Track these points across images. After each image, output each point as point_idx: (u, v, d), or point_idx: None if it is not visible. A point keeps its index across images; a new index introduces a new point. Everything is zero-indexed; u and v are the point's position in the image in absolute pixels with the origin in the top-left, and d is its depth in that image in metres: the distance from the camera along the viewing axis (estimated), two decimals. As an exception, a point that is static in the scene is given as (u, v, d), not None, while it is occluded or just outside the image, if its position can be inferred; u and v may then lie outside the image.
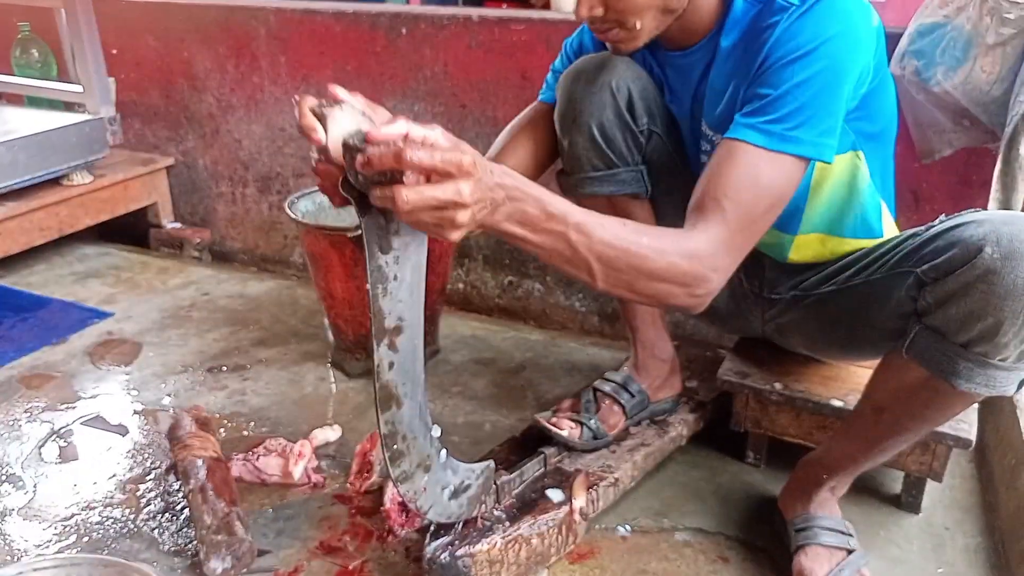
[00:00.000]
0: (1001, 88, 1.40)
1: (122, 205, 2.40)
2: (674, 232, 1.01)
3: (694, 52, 1.17)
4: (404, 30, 2.03)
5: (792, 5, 1.03)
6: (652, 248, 0.96)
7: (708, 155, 1.21)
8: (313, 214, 1.88)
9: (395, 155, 0.77)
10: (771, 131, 1.01)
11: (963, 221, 1.01)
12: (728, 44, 1.12)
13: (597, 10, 1.07)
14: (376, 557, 1.28)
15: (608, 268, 0.95)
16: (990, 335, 0.97)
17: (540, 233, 0.90)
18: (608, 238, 0.93)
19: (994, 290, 0.94)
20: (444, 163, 0.78)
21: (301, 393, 1.75)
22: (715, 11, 1.13)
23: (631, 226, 0.98)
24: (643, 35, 1.11)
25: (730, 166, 1.02)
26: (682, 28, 1.14)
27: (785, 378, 1.43)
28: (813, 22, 1.01)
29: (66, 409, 1.68)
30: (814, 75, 1.01)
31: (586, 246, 0.92)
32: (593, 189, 1.28)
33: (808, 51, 1.01)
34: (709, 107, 1.18)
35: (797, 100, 1.01)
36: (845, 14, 1.02)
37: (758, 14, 1.08)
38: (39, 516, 1.37)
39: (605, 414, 1.43)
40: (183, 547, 1.30)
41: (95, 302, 2.15)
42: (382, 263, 0.93)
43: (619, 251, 0.94)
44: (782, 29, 1.03)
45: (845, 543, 1.23)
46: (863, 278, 1.17)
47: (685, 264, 0.97)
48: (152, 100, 2.48)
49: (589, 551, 1.30)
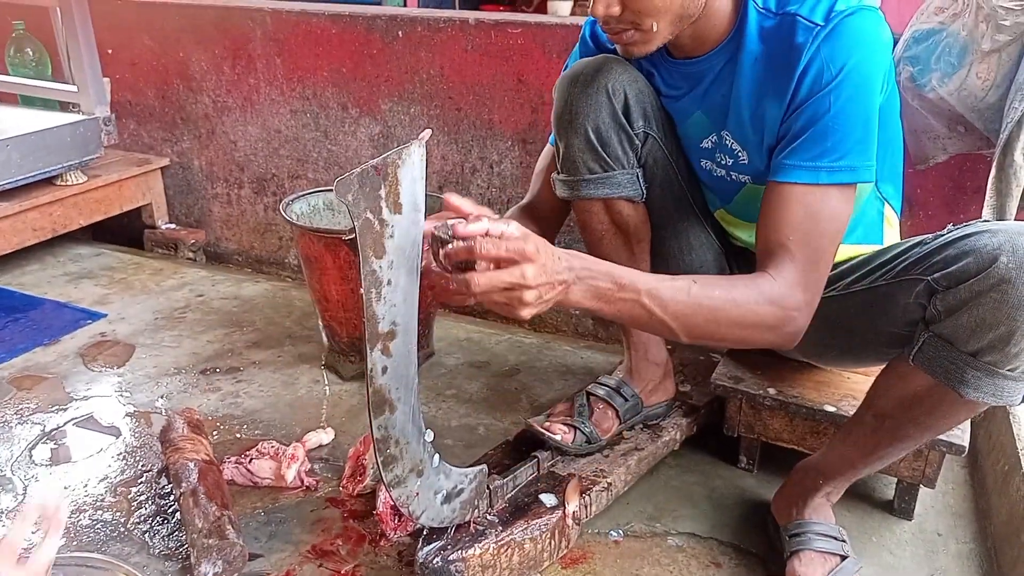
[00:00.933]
0: (996, 95, 1.40)
1: (116, 205, 2.39)
2: (746, 281, 1.05)
3: (705, 60, 1.17)
4: (400, 33, 2.03)
5: (817, 25, 1.03)
6: (726, 300, 1.01)
7: (723, 167, 1.23)
8: (308, 216, 1.88)
9: (468, 249, 0.87)
10: (819, 167, 1.04)
11: (977, 230, 1.00)
12: (750, 58, 1.11)
13: (614, 8, 1.07)
14: (369, 561, 1.28)
15: (687, 325, 1.01)
16: (1001, 345, 0.97)
17: (615, 303, 0.98)
18: (680, 297, 1.00)
19: (1007, 299, 0.94)
20: (509, 252, 0.88)
21: (294, 396, 1.74)
22: (729, 21, 1.12)
23: (702, 281, 1.02)
24: (658, 38, 1.10)
25: (787, 209, 1.06)
26: (694, 35, 1.14)
27: (778, 383, 1.43)
28: (841, 46, 1.02)
29: (57, 411, 1.67)
30: (848, 102, 1.03)
31: (660, 308, 0.99)
32: (588, 191, 1.28)
33: (840, 78, 1.02)
34: (734, 119, 1.17)
35: (837, 130, 1.03)
36: (868, 33, 1.03)
37: (776, 27, 1.08)
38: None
39: (599, 418, 1.43)
40: (174, 551, 1.29)
41: (88, 303, 2.14)
42: (376, 267, 0.93)
43: (693, 308, 1.00)
44: (811, 55, 1.03)
45: (838, 549, 1.23)
46: (867, 284, 1.17)
47: (763, 310, 1.03)
48: (147, 100, 2.47)
49: (582, 555, 1.30)
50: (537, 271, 0.89)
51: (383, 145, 2.15)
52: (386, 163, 0.90)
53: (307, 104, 2.21)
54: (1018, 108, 1.33)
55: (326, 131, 2.22)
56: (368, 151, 2.18)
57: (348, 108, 2.16)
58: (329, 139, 2.22)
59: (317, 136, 2.23)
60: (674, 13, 1.08)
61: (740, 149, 1.19)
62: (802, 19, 1.05)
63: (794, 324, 1.05)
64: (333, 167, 2.24)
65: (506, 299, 0.90)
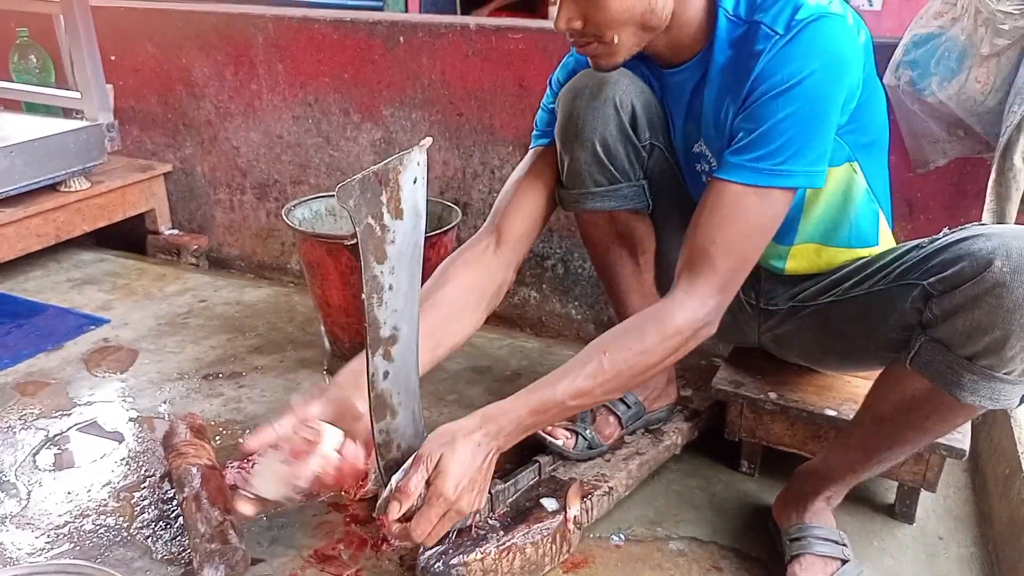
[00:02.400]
0: (995, 99, 1.41)
1: (119, 211, 2.40)
2: (654, 321, 1.09)
3: (685, 70, 1.17)
4: (402, 38, 2.03)
5: (777, 34, 1.03)
6: (639, 353, 1.07)
7: (706, 175, 1.22)
8: (310, 222, 1.88)
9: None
10: (759, 168, 1.04)
11: (971, 234, 1.01)
12: (718, 65, 1.12)
13: (575, 23, 1.08)
14: (370, 566, 1.28)
15: (622, 387, 1.11)
16: (997, 348, 0.97)
17: (551, 419, 1.11)
18: (600, 378, 1.07)
19: (1002, 303, 0.94)
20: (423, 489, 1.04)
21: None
22: (702, 30, 1.12)
23: (611, 348, 1.08)
24: (622, 51, 1.10)
25: (719, 209, 1.07)
26: (670, 45, 1.14)
27: (779, 387, 1.43)
28: (797, 54, 1.02)
29: (61, 416, 1.68)
30: (799, 108, 1.02)
31: (590, 399, 1.09)
32: (595, 204, 1.28)
33: (792, 84, 1.02)
34: (706, 127, 1.18)
35: (783, 134, 1.03)
36: (829, 40, 1.02)
37: (744, 35, 1.08)
38: (32, 524, 1.37)
39: (600, 424, 1.44)
40: (177, 555, 1.30)
41: (91, 309, 2.15)
42: (377, 273, 0.94)
43: (617, 378, 1.07)
44: (766, 61, 1.03)
45: (839, 553, 1.23)
46: (864, 289, 1.17)
47: (673, 342, 1.08)
48: (150, 107, 2.48)
49: (583, 560, 1.30)
50: (453, 481, 1.03)
51: (384, 151, 2.16)
52: (387, 169, 0.91)
53: (309, 110, 2.22)
54: (1017, 112, 1.33)
55: (328, 137, 2.23)
56: (370, 157, 2.19)
57: (350, 114, 2.17)
58: (331, 145, 2.23)
59: (319, 142, 2.24)
60: (635, 24, 1.07)
61: (712, 156, 1.19)
62: (765, 27, 1.05)
63: (708, 330, 1.09)
64: (335, 173, 2.25)
65: (449, 519, 1.05)
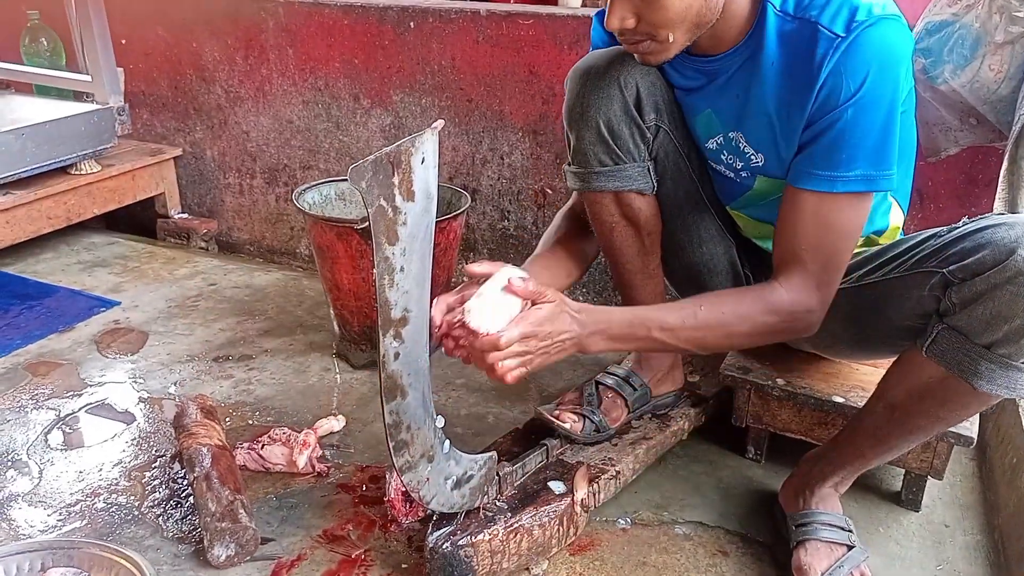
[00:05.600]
0: (1009, 87, 1.40)
1: (130, 195, 2.41)
2: (755, 293, 1.14)
3: (721, 59, 1.16)
4: (412, 24, 2.03)
5: (838, 36, 1.02)
6: (735, 316, 1.10)
7: (731, 168, 1.24)
8: (320, 206, 1.89)
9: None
10: (834, 176, 1.06)
11: (993, 223, 1.01)
12: (769, 62, 1.10)
13: (629, 21, 1.06)
14: (379, 546, 1.30)
15: (701, 345, 1.13)
16: (1016, 337, 0.97)
17: (632, 342, 1.14)
18: (689, 323, 1.10)
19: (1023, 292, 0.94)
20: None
21: (306, 383, 1.76)
22: (746, 21, 1.11)
23: (708, 301, 1.12)
24: (674, 47, 1.10)
25: (800, 218, 1.10)
26: (712, 35, 1.13)
27: (787, 374, 1.44)
28: (861, 57, 1.02)
29: (72, 396, 1.69)
30: (865, 114, 1.03)
31: (673, 337, 1.11)
32: (599, 184, 1.28)
33: (859, 89, 1.02)
34: (751, 123, 1.17)
35: (854, 140, 1.04)
36: (889, 42, 1.02)
37: (796, 33, 1.07)
38: (44, 502, 1.38)
39: (608, 407, 1.44)
40: (187, 534, 1.31)
41: (102, 291, 2.16)
42: (389, 254, 0.94)
43: (704, 331, 1.10)
44: (832, 67, 1.03)
45: (845, 539, 1.23)
46: (880, 276, 1.17)
47: (772, 319, 1.10)
48: (160, 90, 2.49)
49: (590, 543, 1.31)
50: (532, 329, 1.04)
51: (394, 136, 2.16)
52: (399, 151, 0.91)
53: (319, 95, 2.22)
54: (1031, 100, 1.33)
55: (338, 122, 2.23)
56: (379, 142, 2.19)
57: (360, 99, 2.17)
58: (341, 130, 2.23)
59: (329, 127, 2.24)
60: (690, 23, 1.07)
61: (754, 153, 1.19)
62: (823, 28, 1.03)
63: (807, 320, 1.12)
64: (344, 157, 2.25)
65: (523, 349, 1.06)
